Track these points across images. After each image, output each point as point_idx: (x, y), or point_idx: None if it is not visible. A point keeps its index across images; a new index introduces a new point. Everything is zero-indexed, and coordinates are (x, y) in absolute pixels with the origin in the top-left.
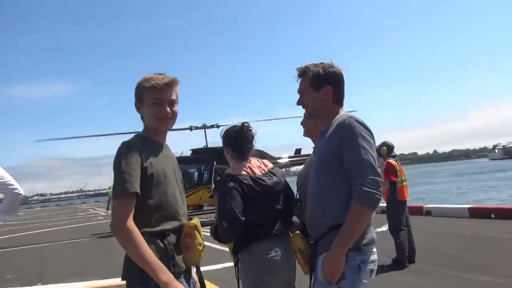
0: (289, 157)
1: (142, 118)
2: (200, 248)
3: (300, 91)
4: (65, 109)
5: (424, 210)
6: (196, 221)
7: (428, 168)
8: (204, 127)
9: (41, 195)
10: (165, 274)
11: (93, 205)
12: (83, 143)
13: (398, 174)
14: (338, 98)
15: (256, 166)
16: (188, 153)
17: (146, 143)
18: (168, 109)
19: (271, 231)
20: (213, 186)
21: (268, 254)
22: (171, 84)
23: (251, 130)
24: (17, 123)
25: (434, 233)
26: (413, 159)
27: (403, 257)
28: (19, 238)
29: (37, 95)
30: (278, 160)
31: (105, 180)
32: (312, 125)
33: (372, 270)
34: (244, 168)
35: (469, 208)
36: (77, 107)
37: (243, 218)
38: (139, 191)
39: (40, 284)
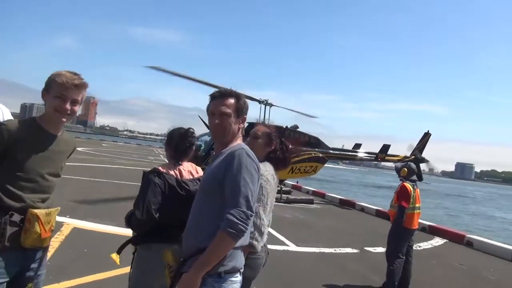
0: (336, 149)
1: (45, 105)
2: (35, 236)
3: (220, 111)
4: (173, 55)
5: (465, 240)
6: (42, 211)
7: None
8: (266, 103)
9: (130, 131)
10: None
11: None
12: (176, 90)
13: (412, 200)
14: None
15: (186, 170)
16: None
17: (32, 128)
18: (68, 106)
19: (173, 236)
20: None
21: None
22: (79, 86)
23: (194, 136)
24: (127, 61)
25: (455, 268)
26: (506, 179)
27: (391, 285)
28: (84, 168)
29: (152, 39)
30: (330, 151)
31: None
32: (258, 146)
33: None
34: (174, 170)
35: None
36: (184, 55)
37: (157, 215)
38: None
39: (68, 216)
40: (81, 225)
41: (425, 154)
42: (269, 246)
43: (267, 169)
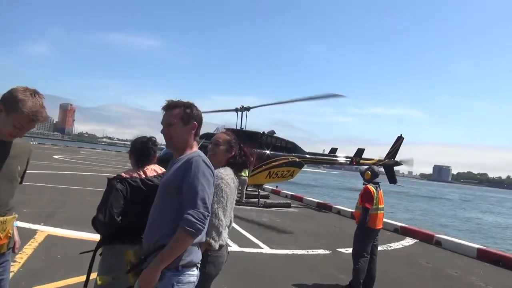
0: (313, 153)
1: None
2: None
3: (166, 121)
4: (149, 62)
5: (434, 239)
6: (1, 219)
7: (492, 193)
8: (242, 109)
9: (109, 138)
10: None
11: None
12: (157, 96)
13: (375, 201)
14: (197, 134)
15: (150, 169)
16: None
17: None
18: (23, 132)
19: (136, 237)
20: None
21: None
22: (42, 121)
23: (156, 144)
24: (105, 67)
25: (421, 266)
26: (482, 180)
27: (357, 283)
28: (61, 176)
29: (130, 45)
30: (307, 155)
31: None
32: (220, 152)
33: None
34: (138, 172)
35: (478, 249)
36: (161, 62)
37: (119, 218)
38: None
39: (42, 224)
40: (56, 232)
41: (405, 156)
42: (244, 249)
43: (227, 173)
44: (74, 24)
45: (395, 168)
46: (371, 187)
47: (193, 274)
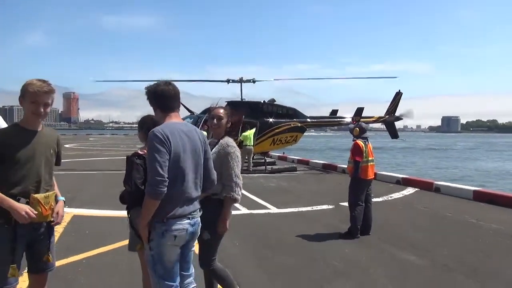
0: (319, 117)
1: (23, 109)
2: (38, 214)
3: None
4: (148, 40)
5: (434, 186)
6: (41, 195)
7: (502, 139)
8: (241, 81)
9: (116, 122)
10: (6, 202)
11: None
12: (158, 74)
13: (365, 154)
14: (161, 107)
15: None
16: (223, 104)
17: (16, 130)
18: (42, 108)
19: None
20: (239, 138)
21: None
22: (48, 92)
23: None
24: (103, 51)
25: (418, 210)
26: (491, 127)
27: (354, 229)
28: (76, 163)
29: (125, 26)
30: (308, 120)
31: None
32: (223, 125)
33: (176, 236)
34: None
35: (474, 191)
36: (158, 41)
37: (143, 187)
38: None
39: (67, 206)
40: (80, 212)
41: (404, 109)
42: (252, 211)
43: (232, 142)
44: (68, 9)
45: (402, 123)
46: (360, 142)
47: (183, 223)
